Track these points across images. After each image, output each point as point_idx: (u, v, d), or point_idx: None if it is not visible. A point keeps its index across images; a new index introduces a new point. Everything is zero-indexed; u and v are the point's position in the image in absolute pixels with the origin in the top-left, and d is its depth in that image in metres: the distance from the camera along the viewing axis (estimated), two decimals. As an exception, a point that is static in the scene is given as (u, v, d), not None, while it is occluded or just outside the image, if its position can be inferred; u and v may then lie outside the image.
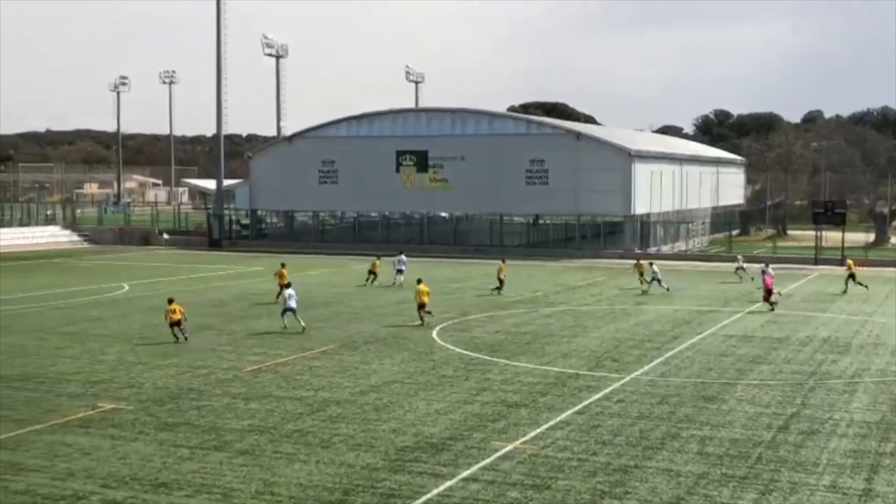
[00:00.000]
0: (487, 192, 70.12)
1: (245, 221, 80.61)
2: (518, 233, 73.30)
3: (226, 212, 79.64)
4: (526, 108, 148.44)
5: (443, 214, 75.77)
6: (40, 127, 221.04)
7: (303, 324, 32.76)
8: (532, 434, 19.88)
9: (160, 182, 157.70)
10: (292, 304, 32.93)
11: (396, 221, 76.57)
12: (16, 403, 22.35)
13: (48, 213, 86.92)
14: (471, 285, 47.39)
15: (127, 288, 45.58)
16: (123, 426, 20.39)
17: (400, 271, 47.51)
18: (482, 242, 70.49)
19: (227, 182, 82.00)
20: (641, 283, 45.96)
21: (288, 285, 35.04)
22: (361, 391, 23.86)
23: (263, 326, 34.08)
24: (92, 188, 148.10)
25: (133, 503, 15.65)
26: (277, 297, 38.46)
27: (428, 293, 34.60)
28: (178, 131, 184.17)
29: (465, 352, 29.42)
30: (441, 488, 16.47)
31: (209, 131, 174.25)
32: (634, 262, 48.81)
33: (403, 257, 49.17)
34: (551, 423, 20.81)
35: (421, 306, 34.31)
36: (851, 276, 46.15)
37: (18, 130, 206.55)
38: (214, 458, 18.06)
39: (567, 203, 68.42)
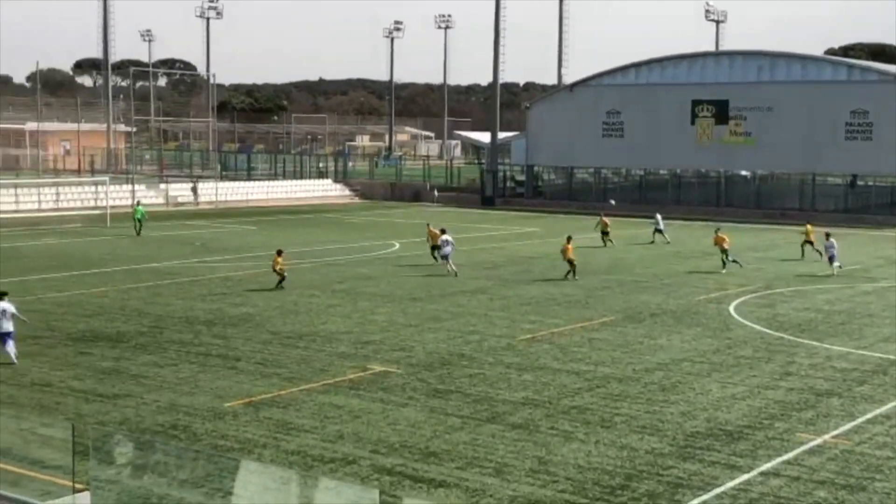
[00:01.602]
0: (798, 148, 67.14)
1: (520, 178, 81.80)
2: (833, 195, 69.69)
3: (500, 167, 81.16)
4: (847, 50, 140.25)
5: (743, 173, 73.45)
6: (313, 76, 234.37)
7: (454, 269, 37.90)
8: (845, 427, 19.01)
9: (432, 135, 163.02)
10: (448, 249, 38.00)
11: (689, 180, 75.03)
12: (288, 361, 24.05)
13: (320, 165, 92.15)
14: (775, 255, 45.73)
15: (398, 246, 47.66)
16: (393, 390, 21.44)
17: (659, 231, 50.18)
18: (789, 206, 67.68)
19: (502, 135, 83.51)
20: (804, 251, 43.64)
21: (443, 231, 39.45)
22: (646, 368, 23.73)
23: (538, 292, 34.60)
24: (363, 140, 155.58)
25: (402, 471, 16.45)
26: (434, 256, 40.74)
27: (573, 251, 37.60)
28: (452, 80, 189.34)
29: (767, 330, 28.49)
30: (737, 481, 16.12)
31: (485, 80, 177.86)
32: (806, 225, 45.63)
33: (660, 216, 51.40)
34: (868, 415, 19.79)
35: (570, 262, 37.35)
36: None
37: (292, 79, 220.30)
38: (487, 431, 18.63)
39: (895, 162, 64.23)
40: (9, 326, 23.47)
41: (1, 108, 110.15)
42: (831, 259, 39.70)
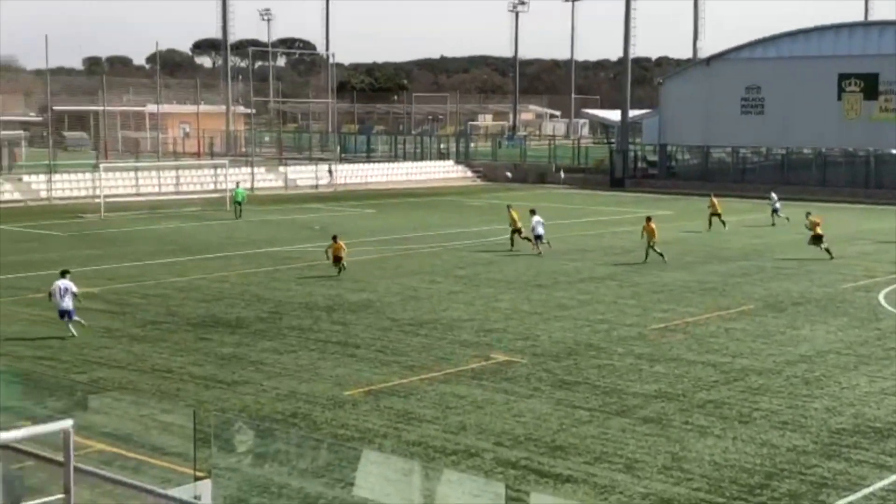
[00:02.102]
0: (956, 124, 64.56)
1: (652, 158, 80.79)
2: None
3: (630, 147, 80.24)
4: None
5: (894, 152, 71.05)
6: (435, 53, 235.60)
7: (548, 246, 39.81)
8: None
9: (558, 113, 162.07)
10: (540, 230, 39.60)
11: (835, 159, 72.95)
12: (408, 349, 24.29)
13: (441, 146, 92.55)
14: (930, 240, 44.14)
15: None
16: (518, 380, 21.46)
17: (775, 211, 50.63)
18: (946, 187, 65.20)
19: (632, 113, 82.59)
20: None
21: (533, 212, 40.98)
22: (788, 361, 23.22)
23: (671, 279, 34.15)
24: (486, 120, 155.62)
25: (528, 465, 16.46)
26: (512, 245, 41.18)
27: (656, 232, 38.19)
28: (580, 56, 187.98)
29: (921, 321, 27.56)
30: (886, 482, 15.68)
31: (614, 55, 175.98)
32: None
33: (775, 195, 52.22)
34: None
35: (651, 245, 37.88)
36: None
37: (413, 58, 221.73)
38: (616, 424, 18.50)
39: None
40: (69, 304, 24.88)
41: (121, 91, 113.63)
42: None
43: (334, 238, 35.09)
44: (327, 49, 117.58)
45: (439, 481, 12.02)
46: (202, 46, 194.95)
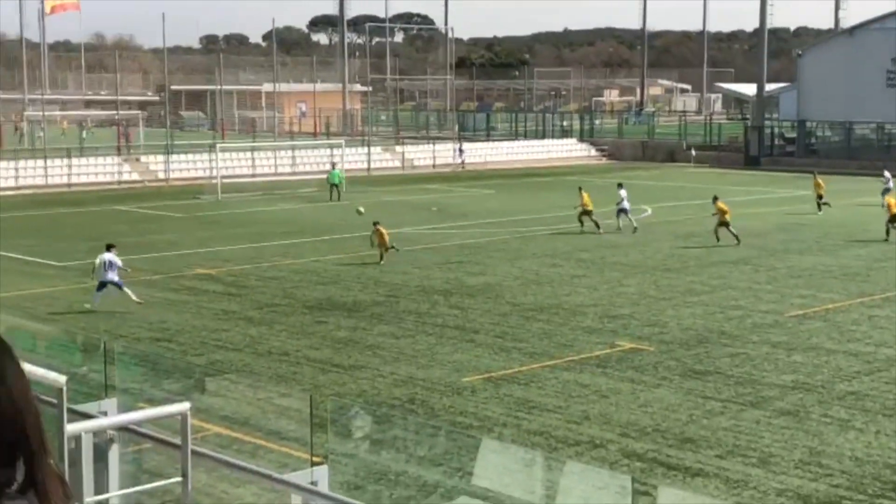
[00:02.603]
0: None
1: (790, 135, 79.11)
2: None
3: (767, 123, 78.68)
4: None
5: None
6: (558, 26, 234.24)
7: (634, 224, 40.39)
8: None
9: (689, 87, 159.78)
10: (626, 205, 40.70)
11: None
12: (528, 335, 24.27)
13: (564, 124, 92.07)
14: None
15: (649, 212, 47.05)
16: (644, 369, 21.27)
17: (888, 190, 48.64)
18: None
19: (769, 87, 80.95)
20: None
21: (620, 185, 42.14)
22: (938, 351, 22.54)
23: (811, 263, 33.42)
24: (612, 95, 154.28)
25: (655, 458, 16.31)
26: (582, 225, 41.19)
27: (728, 212, 37.42)
28: (713, 27, 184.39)
29: None
30: None
31: (750, 25, 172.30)
32: None
33: (888, 174, 50.54)
34: None
35: (724, 224, 37.00)
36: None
37: (534, 31, 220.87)
38: (750, 416, 18.20)
39: None
40: (113, 276, 26.33)
41: (238, 69, 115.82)
42: None
43: (375, 224, 34.40)
44: (446, 24, 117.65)
45: (562, 472, 12.02)
46: (318, 23, 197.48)
